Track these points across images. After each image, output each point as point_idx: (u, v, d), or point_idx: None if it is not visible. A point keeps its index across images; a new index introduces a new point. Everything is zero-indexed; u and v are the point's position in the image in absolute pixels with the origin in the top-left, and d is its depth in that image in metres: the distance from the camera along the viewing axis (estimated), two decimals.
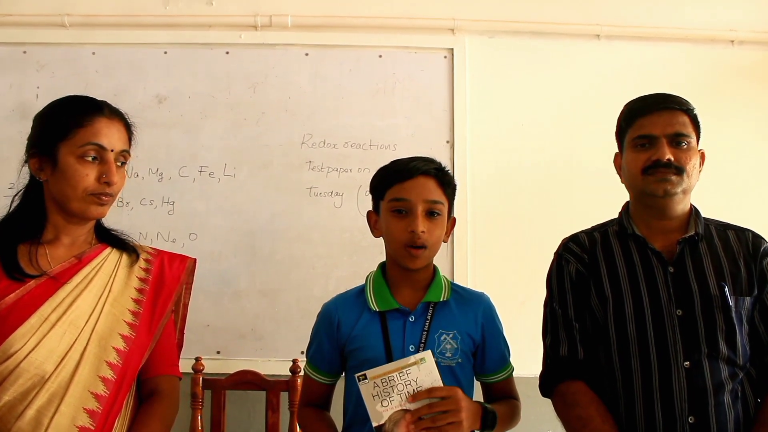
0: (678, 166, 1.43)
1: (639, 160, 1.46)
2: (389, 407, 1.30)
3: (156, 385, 1.42)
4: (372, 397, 1.31)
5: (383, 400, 1.30)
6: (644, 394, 1.39)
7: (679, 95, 1.50)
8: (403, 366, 1.32)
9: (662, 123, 1.45)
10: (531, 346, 1.63)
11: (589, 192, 2.42)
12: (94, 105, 1.37)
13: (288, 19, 2.52)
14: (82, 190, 1.32)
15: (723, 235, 1.52)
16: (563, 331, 1.50)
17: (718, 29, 2.60)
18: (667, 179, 1.43)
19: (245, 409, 2.30)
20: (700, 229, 1.49)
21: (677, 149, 1.44)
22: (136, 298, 1.40)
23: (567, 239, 1.60)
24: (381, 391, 1.31)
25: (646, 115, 1.47)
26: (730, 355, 1.39)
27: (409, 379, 1.32)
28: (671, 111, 1.46)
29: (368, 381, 1.32)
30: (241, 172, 2.48)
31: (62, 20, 2.49)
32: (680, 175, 1.43)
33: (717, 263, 1.46)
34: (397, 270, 1.50)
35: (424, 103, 2.53)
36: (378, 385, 1.31)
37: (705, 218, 1.53)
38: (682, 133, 1.45)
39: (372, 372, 1.32)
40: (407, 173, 1.46)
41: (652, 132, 1.45)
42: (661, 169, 1.43)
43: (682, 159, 1.44)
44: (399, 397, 1.31)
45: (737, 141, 2.46)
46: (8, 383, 1.22)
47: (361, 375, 1.32)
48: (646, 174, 1.45)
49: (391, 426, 1.28)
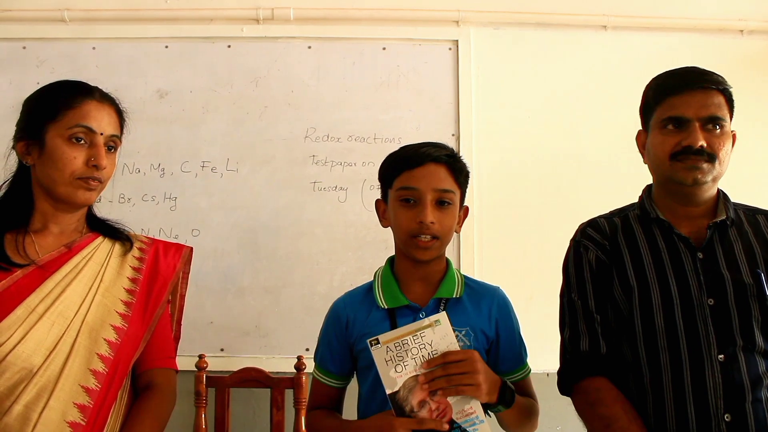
0: (710, 153, 1.31)
1: (667, 144, 1.34)
2: (403, 373, 1.24)
3: (151, 379, 1.38)
4: (385, 362, 1.25)
5: (397, 365, 1.24)
6: (675, 391, 1.29)
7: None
8: (417, 329, 1.26)
9: (696, 104, 1.32)
10: (539, 343, 1.59)
11: (597, 183, 2.41)
12: (85, 88, 1.35)
13: (290, 11, 2.50)
14: (70, 173, 1.28)
15: (753, 219, 1.41)
16: (583, 323, 1.39)
17: (727, 19, 2.56)
18: (698, 167, 1.31)
19: (250, 406, 2.29)
20: (731, 214, 1.38)
21: (710, 134, 1.32)
22: (129, 288, 1.37)
23: (585, 225, 1.49)
24: (395, 356, 1.25)
25: (678, 94, 1.34)
26: (766, 347, 1.29)
27: (423, 342, 1.25)
28: (706, 91, 1.33)
29: (381, 346, 1.26)
30: (244, 167, 2.45)
31: (62, 15, 2.47)
32: (712, 163, 1.32)
33: (749, 249, 1.35)
34: (407, 263, 1.43)
35: (429, 96, 2.50)
36: (391, 349, 1.25)
37: (733, 203, 1.43)
38: (717, 116, 1.33)
39: (384, 336, 1.27)
40: (416, 160, 1.39)
41: (684, 114, 1.33)
42: (692, 156, 1.31)
43: (715, 145, 1.32)
44: (413, 361, 1.25)
45: (746, 131, 2.39)
46: None
47: (373, 339, 1.26)
48: (675, 160, 1.33)
49: (405, 393, 1.23)
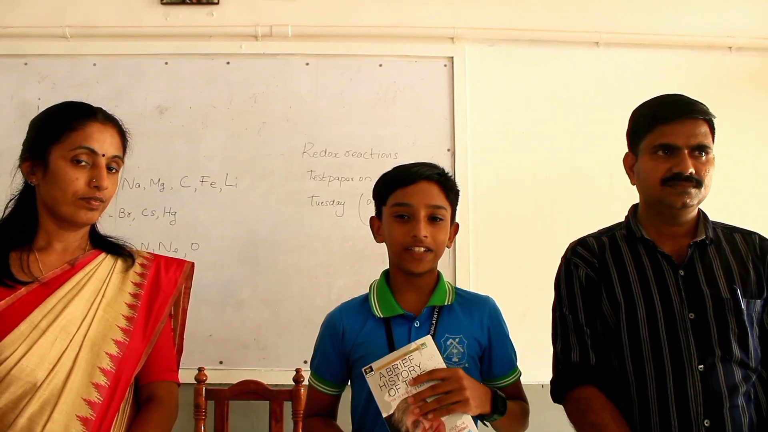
0: (698, 179, 1.41)
1: (658, 170, 1.43)
2: (396, 396, 1.31)
3: (153, 392, 1.41)
4: (379, 388, 1.32)
5: (390, 390, 1.31)
6: (659, 399, 1.39)
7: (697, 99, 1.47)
8: (405, 353, 1.33)
9: (685, 133, 1.41)
10: (534, 354, 1.62)
11: (590, 198, 2.44)
12: (88, 110, 1.38)
13: (288, 29, 2.53)
14: (72, 193, 1.32)
15: (730, 238, 1.51)
16: (574, 336, 1.48)
17: (716, 36, 2.60)
18: (687, 192, 1.41)
19: (248, 419, 2.30)
20: (710, 233, 1.48)
21: (697, 161, 1.41)
22: (131, 303, 1.39)
23: (575, 243, 1.58)
24: (387, 381, 1.32)
25: (669, 123, 1.43)
26: (743, 357, 1.39)
27: (412, 365, 1.32)
28: (694, 120, 1.42)
29: (374, 373, 1.33)
30: (243, 181, 2.48)
31: (63, 32, 2.50)
32: (699, 188, 1.42)
33: (726, 266, 1.46)
34: (401, 276, 1.49)
35: (425, 112, 2.53)
36: (384, 375, 1.32)
37: (712, 221, 1.52)
38: (704, 145, 1.42)
39: (377, 363, 1.34)
40: (410, 178, 1.46)
41: (675, 142, 1.42)
42: (683, 182, 1.40)
43: (701, 171, 1.41)
44: (404, 384, 1.31)
45: (736, 147, 2.45)
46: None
47: (367, 368, 1.34)
48: (666, 185, 1.42)
49: (400, 415, 1.29)
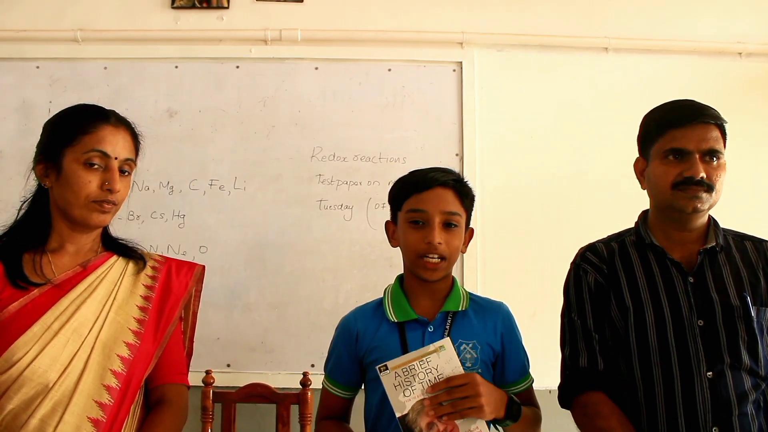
0: (709, 183, 1.40)
1: (669, 174, 1.43)
2: (411, 397, 1.30)
3: (163, 394, 1.42)
4: (394, 387, 1.31)
5: (405, 390, 1.30)
6: (667, 405, 1.38)
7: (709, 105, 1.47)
8: (423, 354, 1.33)
9: (696, 138, 1.41)
10: (543, 359, 1.62)
11: (599, 204, 2.43)
12: (101, 113, 1.39)
13: (298, 33, 2.54)
14: (85, 196, 1.33)
15: (741, 245, 1.51)
16: (582, 341, 1.48)
17: (726, 41, 2.60)
18: (698, 196, 1.40)
19: (255, 422, 2.29)
20: (721, 240, 1.48)
21: (708, 165, 1.41)
22: (142, 305, 1.40)
23: (584, 249, 1.58)
24: (402, 381, 1.31)
25: (680, 127, 1.42)
26: (752, 365, 1.38)
27: (429, 367, 1.31)
28: (706, 125, 1.42)
29: (389, 372, 1.32)
30: (252, 185, 2.49)
31: (75, 36, 2.51)
32: (710, 193, 1.41)
33: (737, 274, 1.45)
34: (415, 281, 1.49)
35: (434, 116, 2.54)
36: (399, 375, 1.32)
37: (723, 228, 1.51)
38: (716, 150, 1.42)
39: (393, 362, 1.33)
40: (425, 184, 1.46)
41: (686, 147, 1.41)
42: (693, 186, 1.40)
43: (713, 176, 1.41)
44: (420, 385, 1.31)
45: (745, 153, 2.45)
46: (12, 392, 1.22)
47: (382, 366, 1.33)
48: (677, 189, 1.42)
49: (414, 416, 1.29)
